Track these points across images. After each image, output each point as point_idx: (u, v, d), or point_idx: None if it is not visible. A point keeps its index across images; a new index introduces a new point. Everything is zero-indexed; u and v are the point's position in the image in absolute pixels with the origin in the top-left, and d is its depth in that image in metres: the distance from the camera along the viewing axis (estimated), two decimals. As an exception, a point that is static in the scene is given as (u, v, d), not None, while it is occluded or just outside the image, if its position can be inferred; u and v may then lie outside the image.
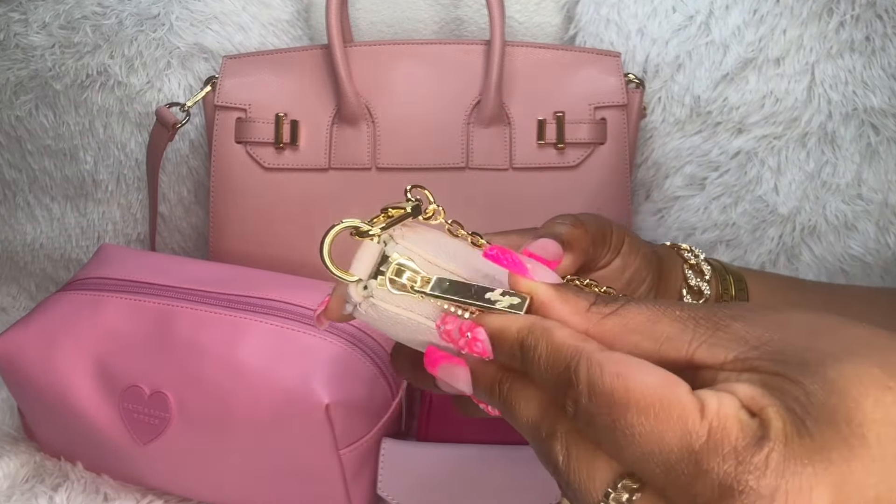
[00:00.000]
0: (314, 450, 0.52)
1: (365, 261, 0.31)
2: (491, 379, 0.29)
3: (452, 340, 0.29)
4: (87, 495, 0.57)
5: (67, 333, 0.56)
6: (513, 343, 0.28)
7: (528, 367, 0.27)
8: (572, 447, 0.26)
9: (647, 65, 0.69)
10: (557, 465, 0.26)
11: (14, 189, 0.78)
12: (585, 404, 0.25)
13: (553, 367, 0.26)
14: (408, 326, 0.31)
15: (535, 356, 0.27)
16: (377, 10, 0.75)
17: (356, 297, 0.31)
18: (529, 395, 0.28)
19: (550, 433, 0.26)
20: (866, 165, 0.66)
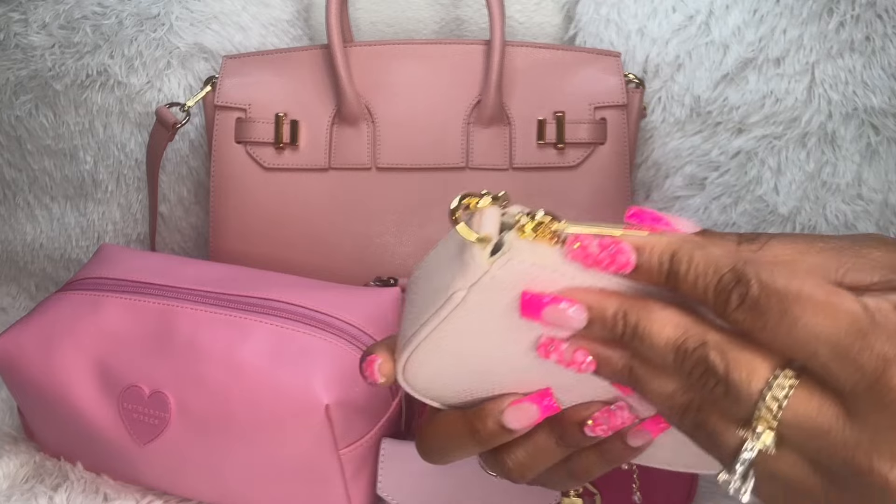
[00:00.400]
0: (314, 450, 0.52)
1: (490, 222, 0.30)
2: (614, 308, 0.29)
3: (591, 258, 0.29)
4: (87, 495, 0.57)
5: (67, 333, 0.56)
6: (662, 254, 0.29)
7: (675, 277, 0.28)
8: (727, 350, 0.27)
9: (647, 65, 0.69)
10: (715, 369, 0.27)
11: (14, 189, 0.78)
12: (756, 295, 0.26)
13: (714, 271, 0.27)
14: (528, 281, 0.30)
15: (688, 266, 0.28)
16: (377, 10, 0.75)
17: (481, 267, 0.30)
18: (662, 318, 0.28)
19: (700, 343, 0.28)
20: (866, 165, 0.66)
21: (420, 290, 0.33)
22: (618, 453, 0.34)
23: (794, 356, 0.27)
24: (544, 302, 0.30)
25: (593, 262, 0.29)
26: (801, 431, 0.26)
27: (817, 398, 0.26)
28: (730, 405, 0.27)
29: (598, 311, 0.29)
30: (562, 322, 0.29)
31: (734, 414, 0.27)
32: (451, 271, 0.31)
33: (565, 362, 0.31)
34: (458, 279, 0.30)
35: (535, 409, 0.33)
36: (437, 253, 0.33)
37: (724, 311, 0.27)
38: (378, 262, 0.66)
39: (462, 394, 0.34)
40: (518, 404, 0.33)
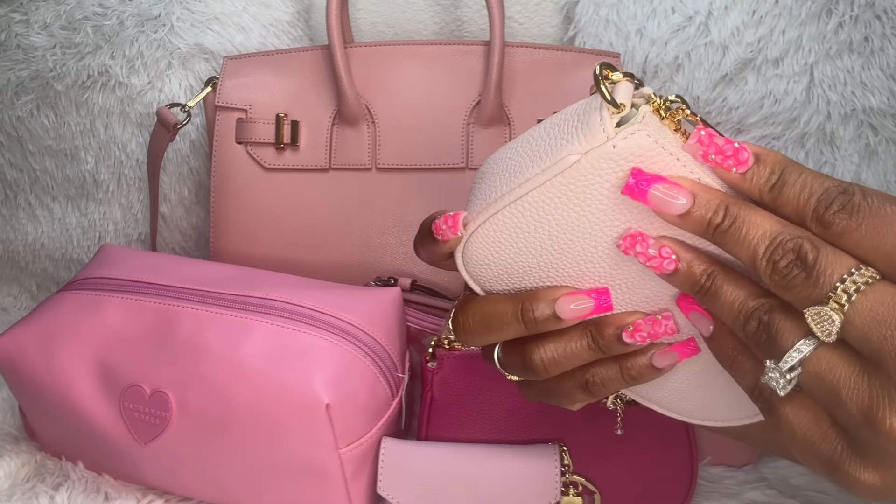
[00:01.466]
0: (314, 449, 0.52)
1: (625, 94, 0.31)
2: (720, 199, 0.31)
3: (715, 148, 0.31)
4: (88, 495, 0.57)
5: (68, 333, 0.56)
6: (775, 164, 0.31)
7: (782, 186, 0.31)
8: (819, 243, 0.30)
9: (647, 65, 0.69)
10: (805, 256, 0.29)
11: (15, 189, 0.78)
12: (858, 201, 0.29)
13: (820, 185, 0.30)
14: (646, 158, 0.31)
15: (797, 176, 0.30)
16: (377, 11, 0.75)
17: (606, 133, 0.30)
18: (762, 216, 0.31)
19: (797, 236, 0.30)
20: (865, 166, 0.66)
21: (512, 159, 0.34)
22: (639, 371, 0.36)
23: (878, 258, 0.29)
24: (652, 179, 0.31)
25: (717, 151, 0.31)
26: (871, 316, 0.28)
27: (892, 294, 0.28)
28: (807, 289, 0.29)
29: (704, 200, 0.31)
30: (666, 203, 0.31)
31: (807, 299, 0.29)
32: (568, 135, 0.31)
33: (647, 256, 0.32)
34: (575, 142, 0.31)
35: (590, 303, 0.34)
36: (544, 126, 0.33)
37: (823, 213, 0.30)
38: (378, 262, 0.66)
39: (514, 279, 0.35)
40: (574, 294, 0.34)
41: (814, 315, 0.29)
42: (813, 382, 0.30)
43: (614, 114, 0.31)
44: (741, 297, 0.31)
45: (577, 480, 0.55)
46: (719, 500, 0.57)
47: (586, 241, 0.33)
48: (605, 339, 0.35)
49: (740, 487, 0.58)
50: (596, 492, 0.55)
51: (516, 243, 0.34)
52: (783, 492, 0.58)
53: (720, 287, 0.32)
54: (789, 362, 0.30)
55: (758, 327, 0.31)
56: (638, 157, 0.31)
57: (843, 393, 0.29)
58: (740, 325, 0.31)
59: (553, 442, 0.55)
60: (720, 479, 0.59)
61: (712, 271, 0.32)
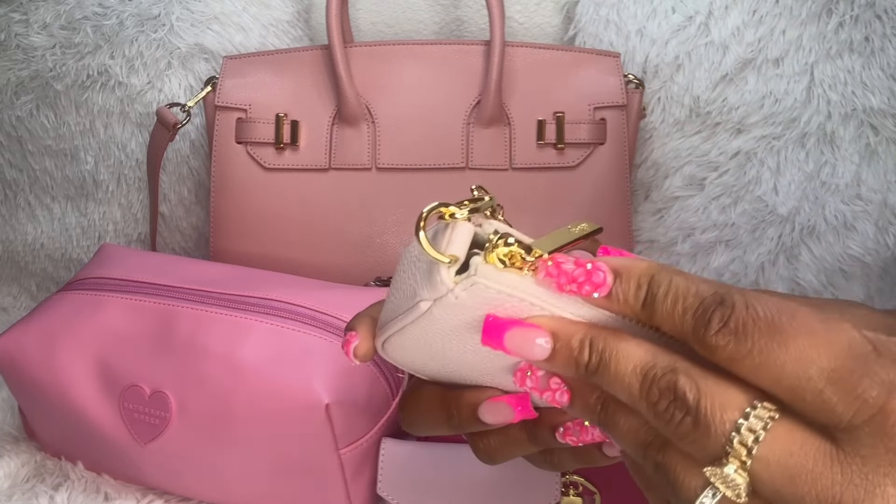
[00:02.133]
0: (314, 449, 0.52)
1: (460, 240, 0.29)
2: (581, 335, 0.27)
3: (565, 276, 0.27)
4: (88, 495, 0.57)
5: (68, 333, 0.56)
6: (641, 276, 0.27)
7: (652, 301, 0.26)
8: (699, 378, 0.25)
9: (647, 65, 0.69)
10: (684, 397, 0.25)
11: (15, 189, 0.78)
12: (742, 317, 0.24)
13: (695, 294, 0.25)
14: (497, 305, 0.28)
15: (667, 289, 0.26)
16: (377, 11, 0.75)
17: (445, 285, 0.28)
18: (631, 346, 0.27)
19: (670, 369, 0.26)
20: (865, 166, 0.66)
21: (399, 280, 0.32)
22: (590, 457, 0.34)
23: (779, 388, 0.24)
24: (506, 327, 0.28)
25: (568, 280, 0.27)
26: (780, 471, 0.24)
27: (800, 433, 0.24)
28: (698, 440, 0.25)
29: (565, 339, 0.28)
30: (525, 349, 0.28)
31: (702, 450, 0.25)
32: (419, 280, 0.30)
33: (540, 391, 0.30)
34: (424, 289, 0.29)
35: (511, 411, 0.32)
36: (409, 253, 0.31)
37: (703, 335, 0.25)
38: (378, 262, 0.66)
39: (441, 376, 0.34)
40: (496, 402, 0.32)
41: (714, 476, 0.25)
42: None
43: (451, 265, 0.28)
44: (634, 428, 0.27)
45: (577, 480, 0.54)
46: (719, 501, 0.57)
47: (482, 363, 0.31)
48: (541, 437, 0.33)
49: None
50: (596, 492, 0.55)
51: (421, 358, 0.33)
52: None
53: (614, 416, 0.28)
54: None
55: (655, 468, 0.27)
56: (487, 304, 0.29)
57: None
58: (640, 458, 0.28)
59: (553, 442, 0.55)
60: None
61: (605, 400, 0.28)
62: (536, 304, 0.28)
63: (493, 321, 0.28)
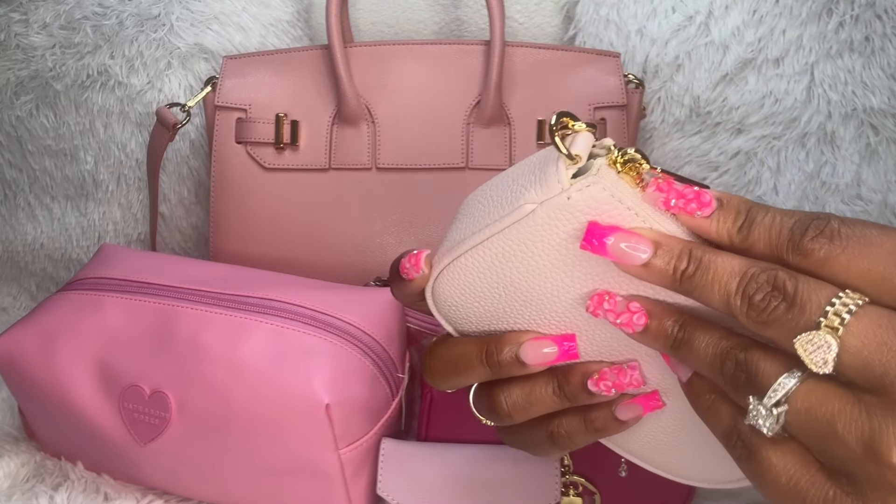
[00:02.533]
0: (314, 449, 0.52)
1: (583, 145, 0.30)
2: (682, 245, 0.30)
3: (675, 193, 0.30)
4: (88, 495, 0.57)
5: (68, 333, 0.56)
6: (740, 204, 0.30)
7: (749, 225, 0.29)
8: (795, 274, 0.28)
9: (647, 65, 0.69)
10: (784, 286, 0.28)
11: (15, 189, 0.78)
12: (836, 226, 0.28)
13: (791, 217, 0.29)
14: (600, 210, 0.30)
15: (765, 215, 0.29)
16: (377, 11, 0.75)
17: (560, 184, 0.30)
18: (728, 257, 0.29)
19: (769, 268, 0.28)
20: (866, 166, 0.66)
21: (479, 203, 0.33)
22: (603, 423, 0.35)
23: (865, 282, 0.27)
24: (610, 231, 0.30)
25: (677, 196, 0.30)
26: (869, 340, 0.26)
27: (887, 315, 0.27)
28: (792, 319, 0.27)
29: (666, 247, 0.30)
30: (626, 253, 0.30)
31: (794, 330, 0.27)
32: (526, 184, 0.31)
33: (616, 314, 0.31)
34: (532, 192, 0.30)
35: (555, 350, 0.33)
36: (510, 171, 0.33)
37: (799, 241, 0.28)
38: (378, 262, 0.66)
39: (482, 320, 0.34)
40: (539, 340, 0.33)
41: (805, 343, 0.27)
42: (801, 419, 0.27)
43: (570, 165, 0.30)
44: (714, 339, 0.30)
45: (577, 480, 0.54)
46: (720, 501, 0.57)
47: (550, 291, 0.32)
48: (570, 386, 0.34)
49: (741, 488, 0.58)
50: (596, 492, 0.55)
51: (480, 287, 0.33)
52: (784, 492, 0.57)
53: (692, 334, 0.30)
54: (774, 397, 0.28)
55: (735, 367, 0.29)
56: (594, 210, 0.30)
57: (839, 426, 0.27)
58: (717, 369, 0.30)
59: (553, 442, 0.55)
60: (721, 480, 0.59)
61: (684, 321, 0.31)
62: (640, 216, 0.30)
63: (597, 225, 0.30)
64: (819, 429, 0.27)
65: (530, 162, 0.32)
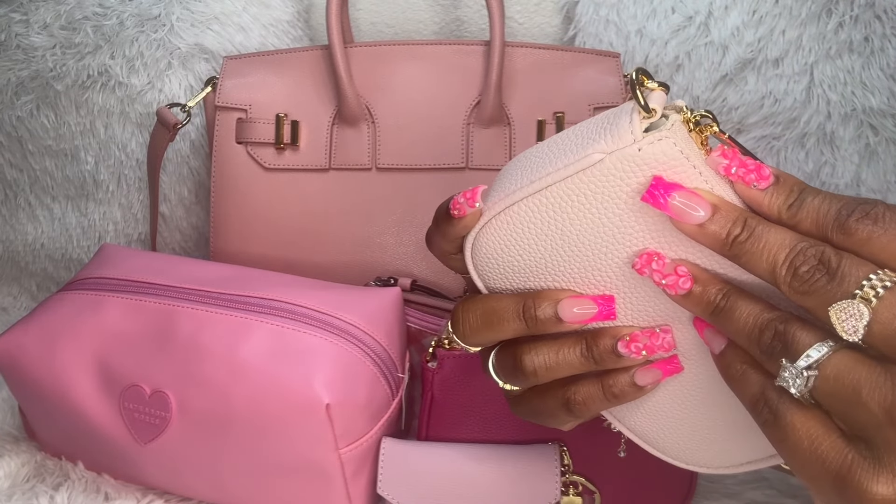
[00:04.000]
0: (314, 449, 0.52)
1: (659, 102, 0.31)
2: (738, 213, 0.32)
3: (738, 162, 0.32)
4: (88, 495, 0.58)
5: (68, 333, 0.56)
6: (794, 183, 0.32)
7: (801, 203, 0.31)
8: (840, 251, 0.30)
9: (647, 65, 0.69)
10: (829, 261, 0.30)
11: (15, 189, 0.78)
12: (879, 210, 0.30)
13: (839, 199, 0.31)
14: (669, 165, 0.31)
15: (815, 195, 0.31)
16: (377, 11, 0.75)
17: (633, 135, 0.31)
18: (780, 229, 0.31)
19: (815, 243, 0.30)
20: (865, 166, 0.66)
21: (537, 156, 0.34)
22: (621, 388, 0.35)
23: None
24: (672, 187, 0.31)
25: (740, 165, 0.31)
26: (894, 318, 0.28)
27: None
28: (832, 289, 0.29)
29: (724, 211, 0.31)
30: (686, 210, 0.31)
31: (831, 299, 0.29)
32: (595, 135, 0.32)
33: (663, 274, 0.32)
34: (602, 142, 0.31)
35: (594, 308, 0.34)
36: (575, 129, 0.33)
37: (845, 220, 0.30)
38: (378, 262, 0.66)
39: (519, 278, 0.35)
40: (579, 298, 0.34)
41: (839, 311, 0.29)
42: (829, 385, 0.29)
43: (645, 118, 0.31)
44: (756, 311, 0.32)
45: (577, 480, 0.55)
46: (719, 500, 0.57)
47: (599, 247, 0.33)
48: (599, 348, 0.35)
49: (741, 487, 0.58)
50: (596, 492, 0.55)
51: (528, 239, 0.34)
52: (783, 492, 0.58)
53: (735, 303, 0.32)
54: (807, 361, 0.29)
55: (773, 337, 0.31)
56: (662, 165, 0.31)
57: (863, 392, 0.28)
58: (755, 338, 0.31)
59: (553, 442, 0.55)
60: (720, 479, 0.59)
61: (728, 290, 0.32)
62: (704, 176, 0.31)
63: (662, 180, 0.31)
64: (845, 394, 0.29)
65: (600, 118, 0.33)
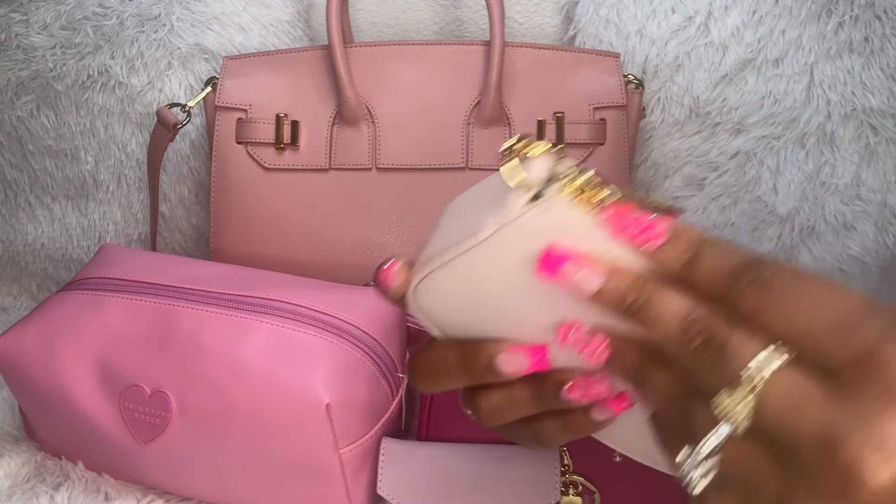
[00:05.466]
0: (314, 449, 0.52)
1: (535, 172, 0.30)
2: (632, 278, 0.30)
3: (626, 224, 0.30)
4: (88, 495, 0.58)
5: (68, 333, 0.56)
6: (691, 239, 0.30)
7: (695, 262, 0.30)
8: (728, 326, 0.28)
9: (647, 65, 0.69)
10: (715, 337, 0.28)
11: (15, 189, 0.78)
12: (770, 273, 0.28)
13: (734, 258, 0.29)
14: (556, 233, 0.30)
15: (712, 251, 0.30)
16: (377, 11, 0.75)
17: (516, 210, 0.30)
18: (676, 295, 0.30)
19: (706, 316, 0.29)
20: (865, 166, 0.66)
21: (453, 217, 0.33)
22: (580, 425, 0.36)
23: (791, 334, 0.28)
24: (565, 258, 0.30)
25: (629, 226, 0.30)
26: (783, 400, 0.27)
27: (804, 372, 0.27)
28: (719, 372, 0.28)
29: (617, 278, 0.30)
30: (578, 281, 0.30)
31: (720, 382, 0.28)
32: (486, 207, 0.31)
33: (581, 346, 0.32)
34: (489, 217, 0.30)
35: (527, 361, 0.34)
36: (481, 186, 0.33)
37: (734, 287, 0.29)
38: (378, 262, 0.66)
39: (463, 327, 0.35)
40: (514, 351, 0.34)
41: (724, 400, 0.28)
42: (729, 471, 0.28)
43: (526, 190, 0.30)
44: (667, 382, 0.31)
45: (577, 480, 0.55)
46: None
47: (518, 308, 0.33)
48: (545, 393, 0.35)
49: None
50: (596, 492, 0.55)
51: (455, 300, 0.34)
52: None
53: (648, 373, 0.31)
54: (703, 452, 0.28)
55: (681, 414, 0.30)
56: (549, 235, 0.30)
57: (756, 482, 0.28)
58: (667, 410, 0.31)
59: (553, 442, 0.55)
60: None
61: (643, 359, 0.31)
62: (594, 242, 0.30)
63: (552, 252, 0.30)
64: (742, 484, 0.28)
65: (493, 182, 0.32)
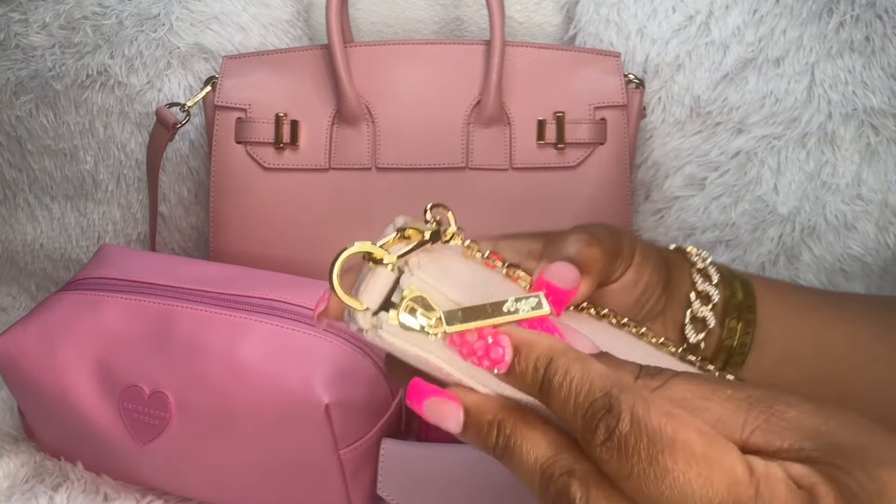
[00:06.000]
0: (314, 449, 0.52)
1: (376, 288, 0.29)
2: (492, 415, 0.27)
3: (468, 348, 0.28)
4: (87, 495, 0.57)
5: (67, 333, 0.56)
6: (539, 357, 0.26)
7: (548, 390, 0.26)
8: (592, 486, 0.25)
9: (647, 65, 0.69)
10: (574, 501, 0.25)
11: (14, 189, 0.78)
12: (625, 433, 0.24)
13: (587, 392, 0.25)
14: (414, 360, 0.29)
15: (562, 379, 0.26)
16: (377, 10, 0.75)
17: (363, 324, 0.29)
18: (537, 436, 0.27)
19: (567, 471, 0.25)
20: (866, 165, 0.66)
21: None
22: None
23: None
24: (426, 395, 0.28)
25: (469, 352, 0.27)
26: None
27: None
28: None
29: (476, 416, 0.28)
30: (440, 420, 0.28)
31: None
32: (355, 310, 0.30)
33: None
34: (359, 320, 0.29)
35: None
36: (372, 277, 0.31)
37: (589, 443, 0.25)
38: (378, 262, 0.66)
39: None
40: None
41: None
42: None
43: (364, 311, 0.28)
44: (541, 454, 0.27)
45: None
46: None
47: None
48: None
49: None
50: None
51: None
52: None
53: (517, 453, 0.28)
54: None
55: None
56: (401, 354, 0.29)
57: None
58: None
59: (553, 442, 0.55)
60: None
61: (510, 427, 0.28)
62: (445, 368, 0.28)
63: (416, 385, 0.28)
64: None
65: None
